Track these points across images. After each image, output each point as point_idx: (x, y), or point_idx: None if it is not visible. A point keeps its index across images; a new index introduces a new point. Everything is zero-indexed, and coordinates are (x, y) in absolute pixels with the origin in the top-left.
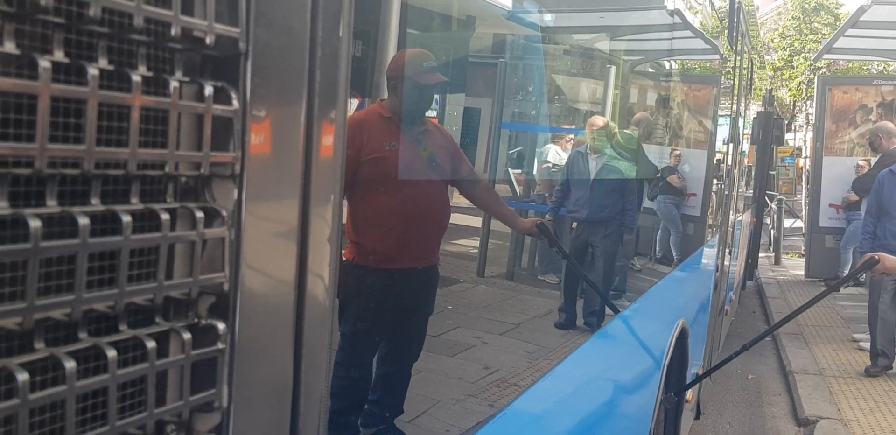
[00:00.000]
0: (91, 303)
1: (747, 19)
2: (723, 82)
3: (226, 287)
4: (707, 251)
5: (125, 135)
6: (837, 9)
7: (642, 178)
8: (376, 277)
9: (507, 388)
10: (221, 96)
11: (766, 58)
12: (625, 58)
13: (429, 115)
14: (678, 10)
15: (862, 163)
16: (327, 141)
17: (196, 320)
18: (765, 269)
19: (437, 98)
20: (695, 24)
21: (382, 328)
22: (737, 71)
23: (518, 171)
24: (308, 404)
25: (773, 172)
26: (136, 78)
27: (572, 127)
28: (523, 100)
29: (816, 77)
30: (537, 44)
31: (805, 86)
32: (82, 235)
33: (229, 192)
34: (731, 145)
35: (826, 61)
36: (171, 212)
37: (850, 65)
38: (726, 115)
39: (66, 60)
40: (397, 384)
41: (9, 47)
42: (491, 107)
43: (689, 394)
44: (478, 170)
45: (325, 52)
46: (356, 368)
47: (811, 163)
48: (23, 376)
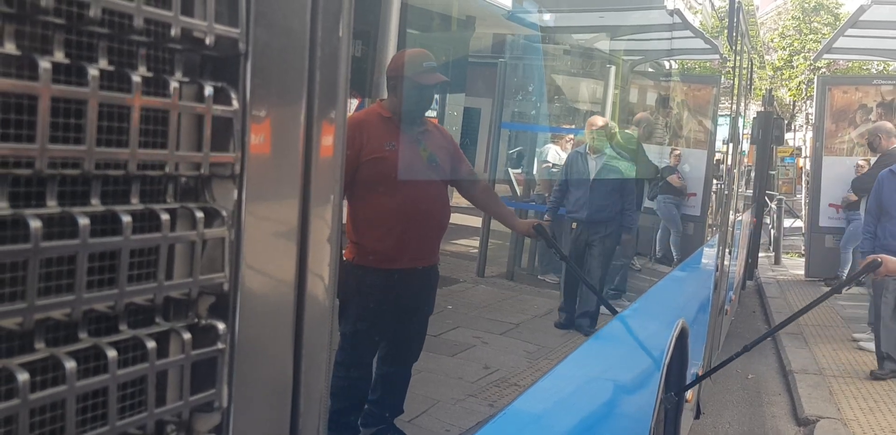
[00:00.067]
0: (91, 303)
1: (747, 19)
2: (722, 82)
3: (226, 287)
4: (707, 251)
5: (125, 135)
6: (837, 8)
7: (642, 178)
8: (376, 277)
9: (507, 388)
10: (221, 97)
11: (766, 57)
12: (624, 58)
13: (429, 115)
14: (678, 9)
15: (862, 162)
16: (327, 141)
17: (196, 320)
18: (765, 268)
19: (436, 98)
20: (694, 23)
21: (382, 328)
22: (736, 71)
23: (518, 171)
24: (308, 404)
25: (772, 172)
26: (137, 78)
27: (572, 127)
28: (523, 100)
29: (816, 77)
30: (537, 44)
31: (805, 85)
32: (82, 235)
33: (229, 192)
34: (730, 145)
35: (826, 61)
36: (171, 212)
37: (849, 64)
38: (726, 115)
39: (67, 61)
40: (397, 384)
41: (9, 48)
42: (491, 107)
43: (689, 394)
44: (478, 170)
45: (325, 52)
46: (356, 368)
47: (811, 162)
48: (23, 376)
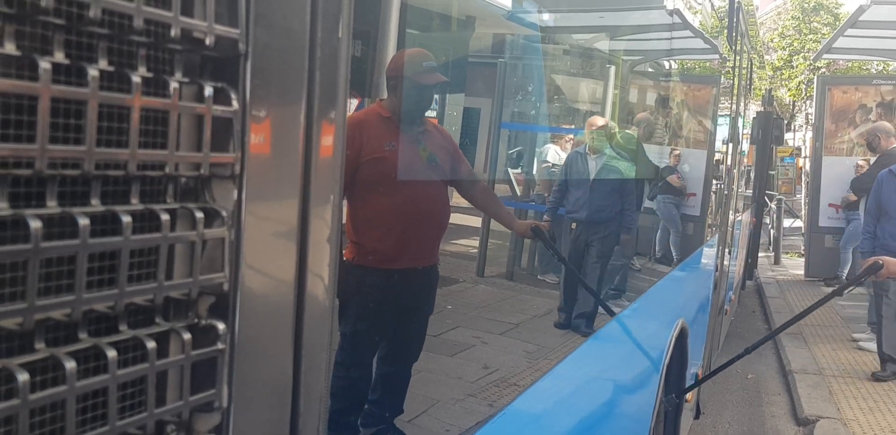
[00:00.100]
0: (91, 303)
1: (747, 19)
2: (722, 82)
3: (226, 287)
4: (706, 251)
5: (125, 136)
6: (837, 8)
7: (642, 178)
8: (376, 277)
9: (506, 388)
10: (221, 97)
11: (766, 57)
12: (624, 58)
13: (428, 115)
14: (678, 9)
15: (861, 162)
16: (327, 141)
17: (196, 320)
18: (764, 268)
19: (436, 98)
20: (694, 23)
21: (382, 328)
22: (736, 71)
23: (517, 171)
24: (308, 404)
25: (772, 172)
26: (136, 79)
27: (572, 127)
28: (523, 100)
29: (816, 77)
30: (537, 44)
31: (804, 85)
32: (82, 235)
33: (229, 192)
34: (730, 145)
35: (825, 61)
36: (171, 212)
37: (849, 64)
38: (726, 115)
39: (67, 61)
40: (397, 384)
41: (9, 48)
42: (490, 107)
43: (689, 394)
44: (477, 170)
45: (325, 52)
46: (356, 368)
47: (810, 162)
48: (23, 377)
